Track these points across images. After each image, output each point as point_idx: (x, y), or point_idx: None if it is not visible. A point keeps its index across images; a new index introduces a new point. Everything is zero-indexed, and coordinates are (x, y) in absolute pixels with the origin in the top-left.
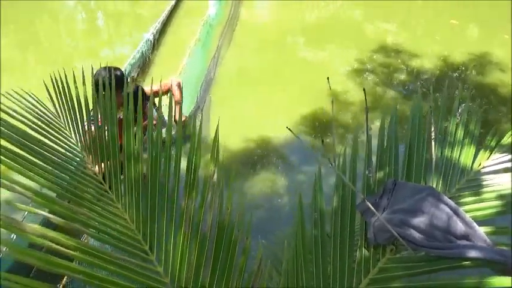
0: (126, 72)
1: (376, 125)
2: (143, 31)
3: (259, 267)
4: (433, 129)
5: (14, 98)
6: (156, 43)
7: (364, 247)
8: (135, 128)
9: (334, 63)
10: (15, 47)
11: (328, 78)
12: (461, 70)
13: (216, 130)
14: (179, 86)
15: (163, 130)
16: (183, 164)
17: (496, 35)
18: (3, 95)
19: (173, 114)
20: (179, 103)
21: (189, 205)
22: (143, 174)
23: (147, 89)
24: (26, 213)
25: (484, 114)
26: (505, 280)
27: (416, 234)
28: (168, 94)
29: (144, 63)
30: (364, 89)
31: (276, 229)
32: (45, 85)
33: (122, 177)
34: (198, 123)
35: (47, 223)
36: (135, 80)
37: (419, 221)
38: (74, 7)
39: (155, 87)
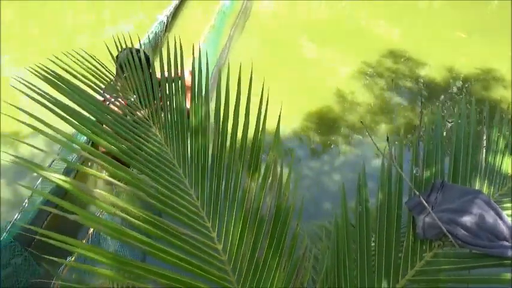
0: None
1: (381, 127)
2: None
3: (304, 253)
4: (485, 137)
5: (78, 60)
6: (168, 25)
7: (411, 241)
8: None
9: (340, 63)
10: (16, 18)
11: (392, 80)
12: (466, 83)
13: (278, 120)
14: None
15: None
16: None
17: (501, 52)
18: (65, 53)
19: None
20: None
21: (251, 187)
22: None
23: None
24: (40, 179)
25: None
26: None
27: (464, 233)
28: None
29: (156, 45)
30: (421, 96)
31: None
32: (109, 49)
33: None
34: (263, 108)
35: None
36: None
37: (467, 220)
38: None
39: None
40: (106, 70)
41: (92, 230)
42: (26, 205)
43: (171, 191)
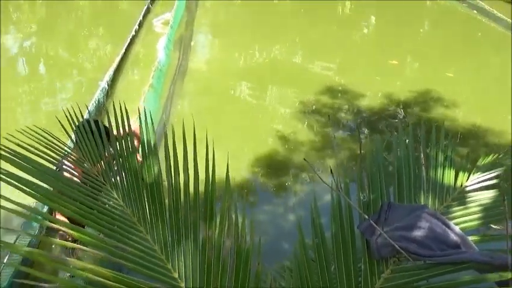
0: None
1: (327, 162)
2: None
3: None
4: (422, 155)
5: (29, 134)
6: (109, 91)
7: (368, 262)
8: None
9: (280, 105)
10: None
11: (329, 116)
12: (405, 107)
13: (227, 170)
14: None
15: None
16: None
17: (436, 73)
18: (19, 131)
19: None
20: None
21: (210, 234)
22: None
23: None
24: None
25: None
26: (492, 276)
27: (415, 246)
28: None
29: (100, 111)
30: (357, 125)
31: None
32: (59, 121)
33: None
34: (210, 156)
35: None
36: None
37: (417, 234)
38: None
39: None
40: (60, 142)
41: None
42: None
43: (135, 248)
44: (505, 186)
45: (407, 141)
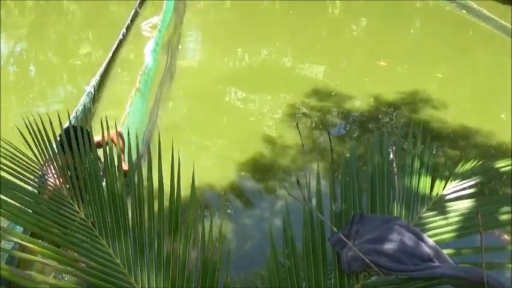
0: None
1: (314, 166)
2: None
3: None
4: (395, 165)
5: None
6: (96, 95)
7: (338, 276)
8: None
9: (268, 108)
10: None
11: (297, 124)
12: (394, 109)
13: (193, 179)
14: (121, 136)
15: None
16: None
17: (425, 74)
18: None
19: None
20: (121, 152)
21: (175, 247)
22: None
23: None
24: None
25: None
26: None
27: (386, 260)
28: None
29: (86, 116)
30: (328, 132)
31: None
32: (20, 132)
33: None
34: (176, 170)
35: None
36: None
37: (388, 248)
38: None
39: (97, 138)
40: (30, 159)
41: None
42: None
43: (97, 262)
44: (481, 197)
45: (381, 147)
